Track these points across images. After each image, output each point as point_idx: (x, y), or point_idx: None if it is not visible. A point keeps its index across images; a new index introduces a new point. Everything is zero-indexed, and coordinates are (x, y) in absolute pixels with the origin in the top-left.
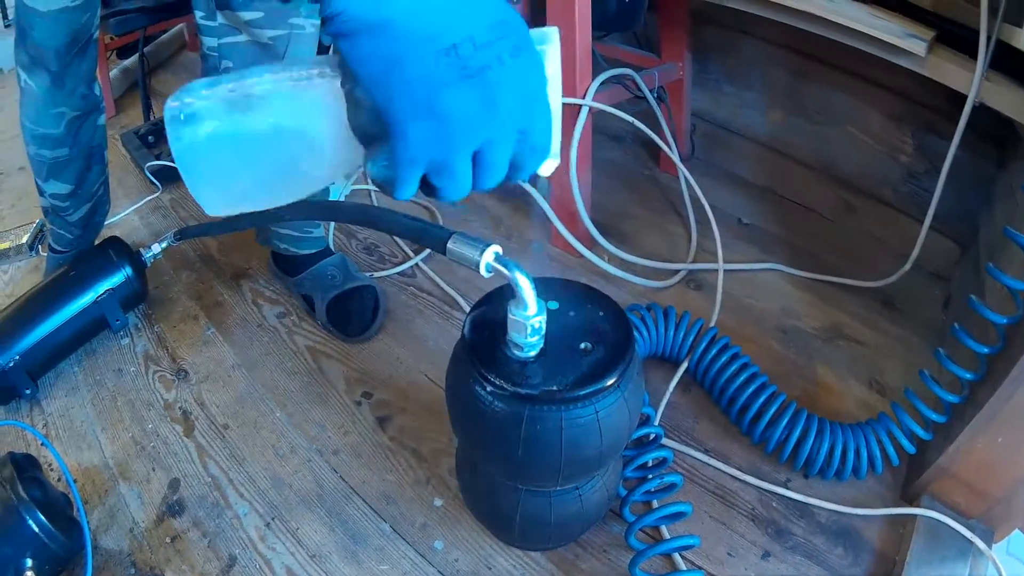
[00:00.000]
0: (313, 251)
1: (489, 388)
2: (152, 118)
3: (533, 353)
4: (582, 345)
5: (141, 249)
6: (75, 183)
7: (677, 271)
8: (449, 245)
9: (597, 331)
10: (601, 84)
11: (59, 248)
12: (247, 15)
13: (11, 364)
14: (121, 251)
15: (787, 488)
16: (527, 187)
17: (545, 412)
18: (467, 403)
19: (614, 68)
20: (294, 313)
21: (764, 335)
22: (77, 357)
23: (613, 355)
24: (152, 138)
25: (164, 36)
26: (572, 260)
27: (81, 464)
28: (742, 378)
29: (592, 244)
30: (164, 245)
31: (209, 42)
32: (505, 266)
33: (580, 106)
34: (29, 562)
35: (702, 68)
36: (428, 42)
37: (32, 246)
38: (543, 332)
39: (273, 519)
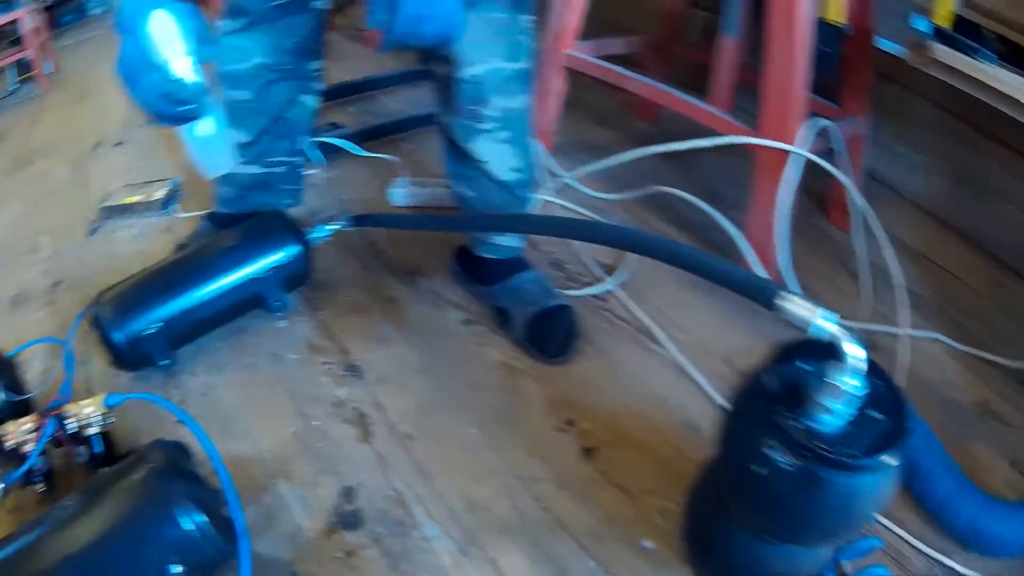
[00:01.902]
0: (509, 257)
1: (785, 449)
2: None
3: (840, 421)
4: (868, 412)
5: (309, 228)
6: (253, 137)
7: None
8: (778, 302)
9: (876, 398)
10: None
11: (221, 211)
12: None
13: (151, 331)
14: (290, 227)
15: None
16: (731, 230)
17: (839, 477)
18: (751, 459)
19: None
20: (482, 323)
21: (926, 405)
22: (222, 333)
23: (895, 424)
24: None
25: None
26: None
27: (228, 454)
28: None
29: None
30: (336, 228)
31: None
32: (841, 333)
33: (788, 152)
34: (178, 568)
35: (875, 124)
36: None
37: (166, 204)
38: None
39: (469, 545)
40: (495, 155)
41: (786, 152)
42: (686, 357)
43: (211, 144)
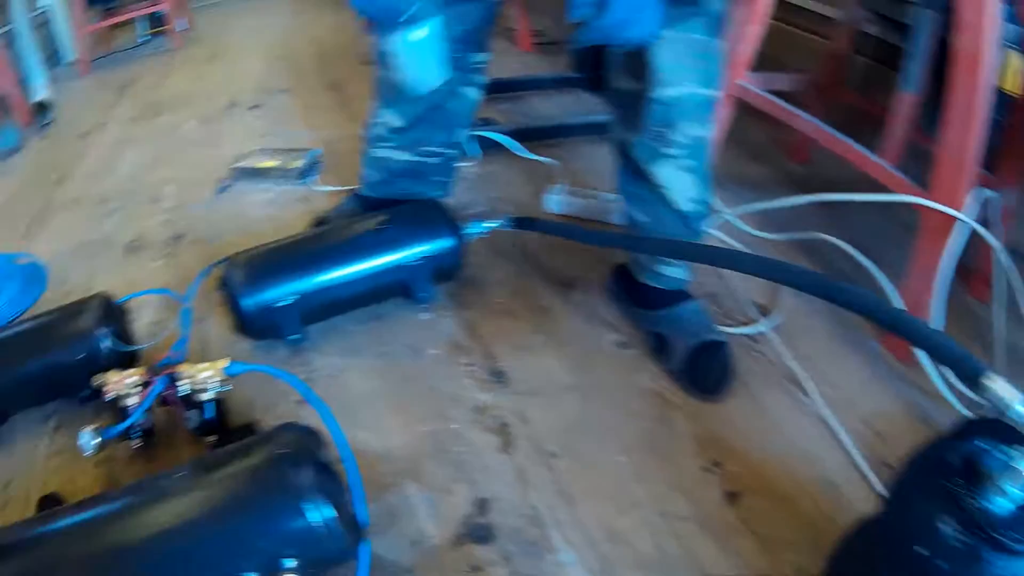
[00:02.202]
0: (676, 289)
1: (960, 525)
2: None
3: (1011, 505)
4: None
5: (465, 222)
6: (406, 123)
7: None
8: (984, 380)
9: None
10: None
11: (366, 193)
12: None
13: (285, 303)
14: (447, 218)
15: None
16: (887, 288)
17: (1002, 561)
18: (917, 529)
19: None
20: (636, 346)
21: None
22: (359, 316)
23: None
24: None
25: None
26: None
27: (354, 445)
28: None
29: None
30: (494, 226)
31: None
32: None
33: (955, 218)
34: (293, 562)
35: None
36: None
37: (304, 175)
38: None
39: None
40: (677, 182)
41: (953, 218)
42: (830, 411)
43: (423, 53)
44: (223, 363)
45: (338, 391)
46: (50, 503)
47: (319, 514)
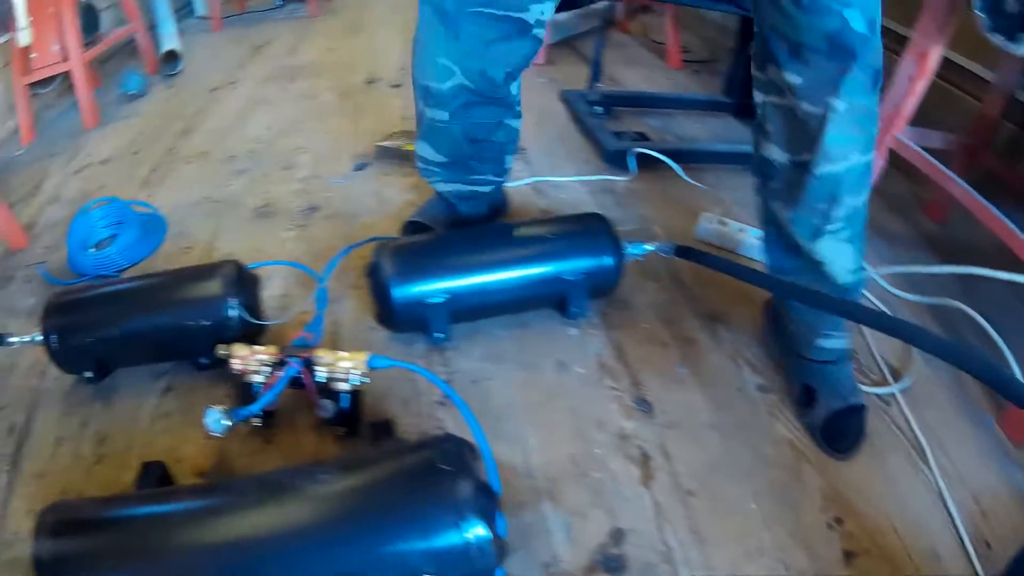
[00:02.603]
0: (837, 348)
1: None
2: (597, 86)
3: None
4: None
5: (627, 241)
6: (449, 157)
7: None
8: None
9: None
10: None
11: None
12: (790, 77)
13: (436, 300)
14: (612, 235)
15: None
16: (1018, 373)
17: None
18: None
19: None
20: (776, 392)
21: None
22: (506, 322)
23: None
24: (601, 108)
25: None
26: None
27: (496, 457)
28: None
29: None
30: (651, 249)
31: (756, 96)
32: None
33: None
34: None
35: None
36: None
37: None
38: None
39: None
40: (836, 256)
41: None
42: (944, 483)
43: None
44: (364, 355)
45: (479, 398)
46: (154, 471)
47: (476, 535)
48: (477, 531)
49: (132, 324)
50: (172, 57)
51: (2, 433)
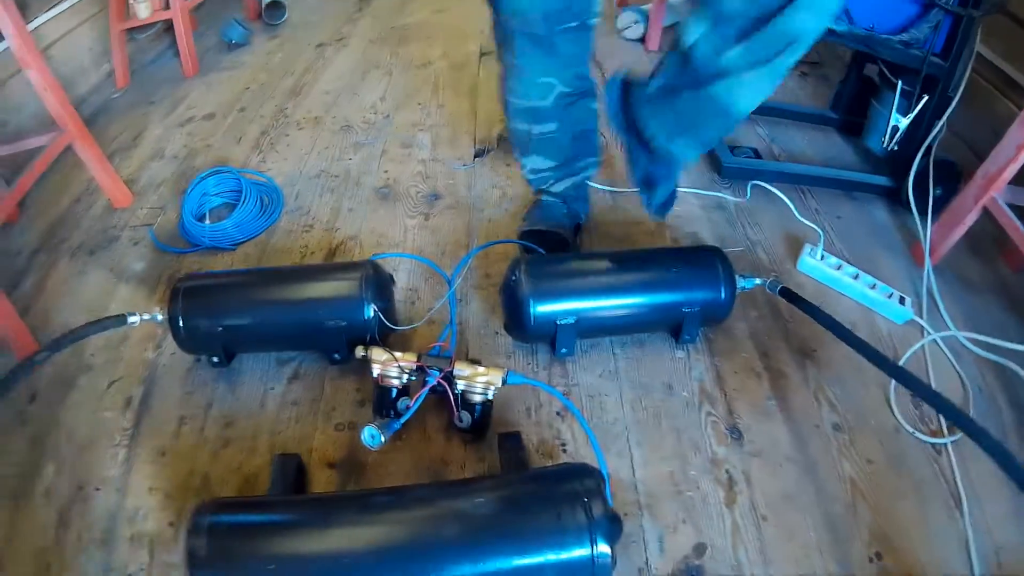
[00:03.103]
0: None
1: None
2: None
3: None
4: None
5: (738, 274)
6: (558, 159)
7: None
8: None
9: None
10: None
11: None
12: None
13: (567, 322)
14: (729, 270)
15: None
16: None
17: None
18: None
19: None
20: (849, 432)
21: None
22: (621, 340)
23: None
24: None
25: None
26: None
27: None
28: None
29: None
30: (757, 284)
31: None
32: None
33: None
34: None
35: None
36: None
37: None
38: None
39: None
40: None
41: None
42: (972, 534)
43: None
44: (501, 372)
45: (594, 411)
46: (289, 463)
47: (598, 560)
48: (602, 549)
49: (265, 316)
50: (276, 6)
51: (119, 405)
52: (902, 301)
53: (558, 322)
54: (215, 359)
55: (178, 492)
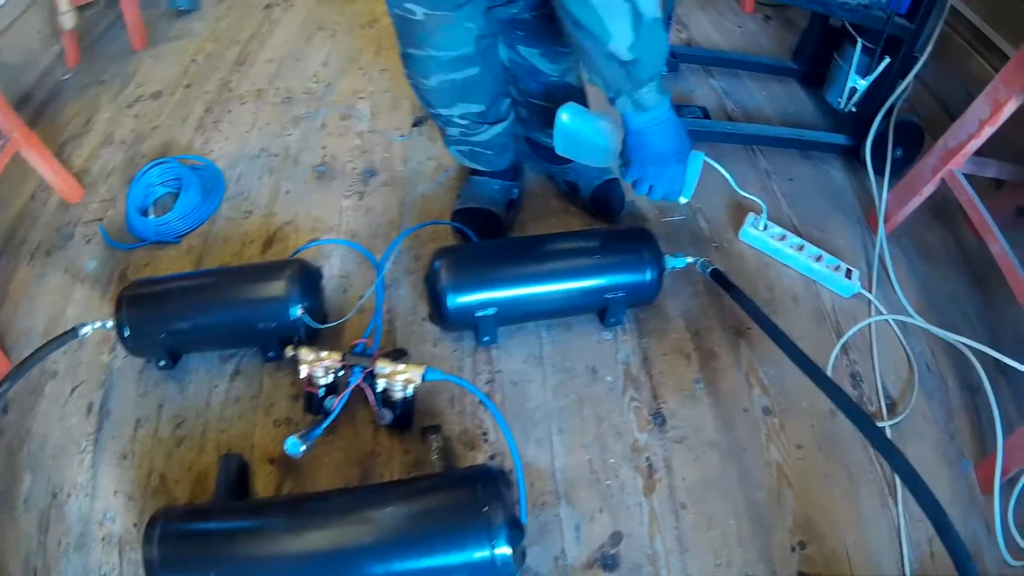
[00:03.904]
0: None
1: None
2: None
3: None
4: None
5: (665, 255)
6: (487, 103)
7: None
8: None
9: None
10: None
11: (481, 168)
12: None
13: (486, 313)
14: (655, 252)
15: None
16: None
17: None
18: None
19: None
20: (779, 415)
21: None
22: (547, 323)
23: None
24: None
25: None
26: (979, 498)
27: (524, 458)
28: None
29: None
30: (687, 263)
31: None
32: None
33: None
34: None
35: None
36: (653, 144)
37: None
38: None
39: None
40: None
41: None
42: (905, 522)
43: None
44: (420, 368)
45: (517, 399)
46: (232, 462)
47: (499, 557)
48: (503, 551)
49: (202, 320)
50: None
51: (82, 411)
52: (849, 274)
53: (477, 314)
54: (162, 362)
55: (139, 493)
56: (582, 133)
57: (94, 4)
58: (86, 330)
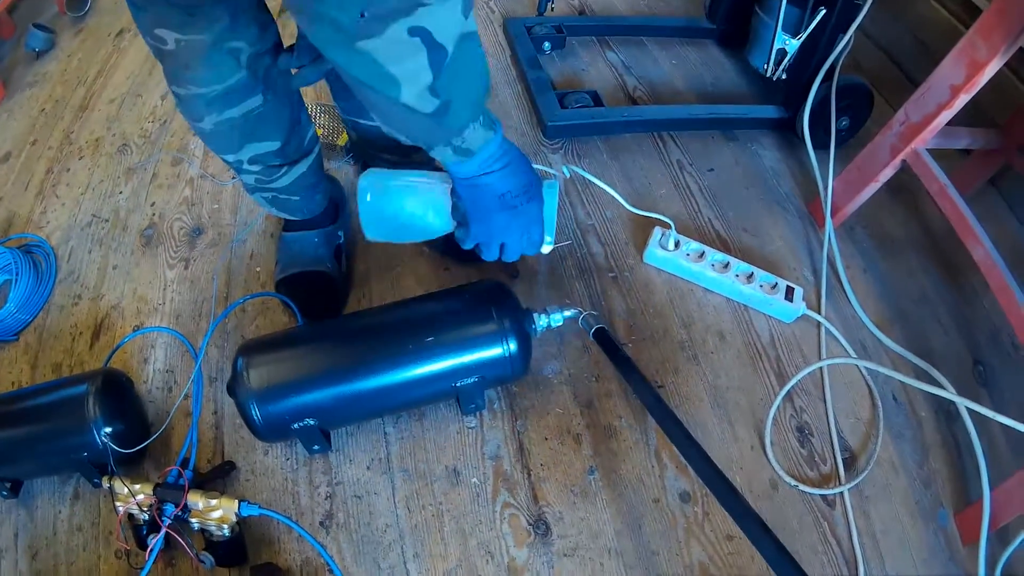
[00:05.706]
0: None
1: None
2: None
3: None
4: None
5: (534, 313)
6: (281, 137)
7: None
8: None
9: None
10: None
11: (292, 218)
12: None
13: (304, 425)
14: (516, 315)
15: None
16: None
17: None
18: None
19: None
20: (702, 500)
21: None
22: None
23: None
24: (549, 45)
25: None
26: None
27: None
28: None
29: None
30: (566, 318)
31: None
32: None
33: None
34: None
35: None
36: (492, 191)
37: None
38: None
39: None
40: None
41: None
42: None
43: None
44: (233, 505)
45: (362, 517)
46: None
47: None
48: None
49: (11, 455)
50: None
51: None
52: (790, 294)
53: (293, 426)
54: (3, 493)
55: None
56: (399, 211)
57: None
58: None
